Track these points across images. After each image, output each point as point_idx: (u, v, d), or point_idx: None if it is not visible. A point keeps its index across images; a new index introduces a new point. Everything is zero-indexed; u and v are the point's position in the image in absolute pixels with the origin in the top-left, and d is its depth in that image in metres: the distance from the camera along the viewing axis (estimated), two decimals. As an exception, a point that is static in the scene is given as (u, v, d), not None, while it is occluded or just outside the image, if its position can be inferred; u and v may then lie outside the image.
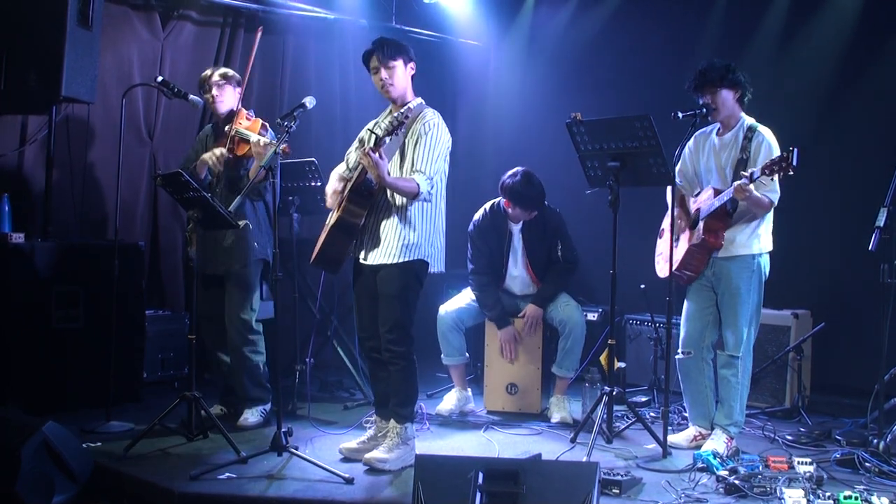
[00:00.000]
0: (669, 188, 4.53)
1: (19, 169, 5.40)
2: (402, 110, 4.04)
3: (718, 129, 4.47)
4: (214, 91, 4.88)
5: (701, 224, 4.35)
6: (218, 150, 4.76)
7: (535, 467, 3.34)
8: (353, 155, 4.36)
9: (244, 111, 4.85)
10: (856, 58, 5.85)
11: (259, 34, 4.97)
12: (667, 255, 4.56)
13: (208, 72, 4.97)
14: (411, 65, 4.16)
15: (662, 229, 4.75)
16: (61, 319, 4.94)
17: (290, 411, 5.06)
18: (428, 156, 4.03)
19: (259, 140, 4.57)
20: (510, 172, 5.20)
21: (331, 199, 4.28)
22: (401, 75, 4.11)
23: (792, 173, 3.88)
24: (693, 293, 4.53)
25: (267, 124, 4.82)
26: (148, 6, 5.92)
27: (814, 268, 5.88)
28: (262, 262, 4.92)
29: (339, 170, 4.36)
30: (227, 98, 4.91)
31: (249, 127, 4.72)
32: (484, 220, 5.37)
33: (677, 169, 4.35)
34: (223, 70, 4.97)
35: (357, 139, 4.40)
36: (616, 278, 4.36)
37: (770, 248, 4.42)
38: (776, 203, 4.25)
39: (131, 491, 3.89)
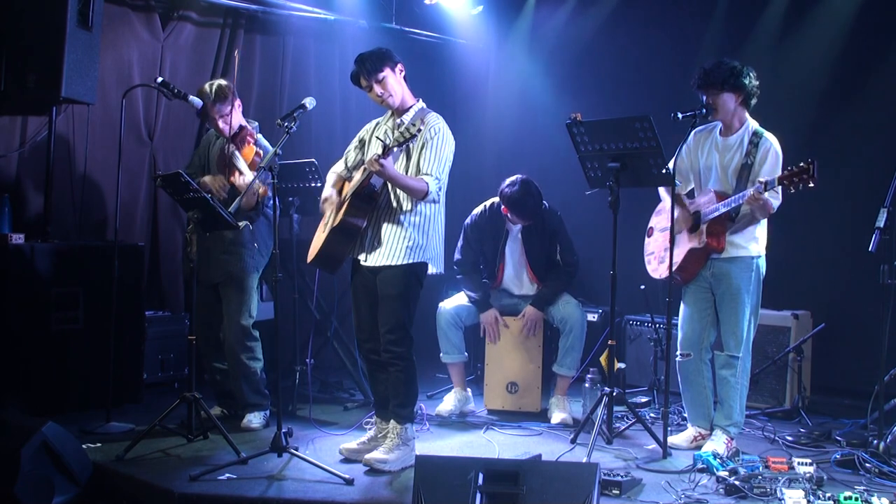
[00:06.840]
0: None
1: (19, 170, 5.40)
2: (411, 119, 4.06)
3: (720, 128, 4.45)
4: (220, 123, 4.74)
5: (703, 227, 4.35)
6: (219, 181, 4.74)
7: (535, 468, 3.34)
8: (352, 153, 4.37)
9: (250, 132, 4.75)
10: (855, 58, 5.84)
11: (237, 57, 4.86)
12: (658, 254, 4.56)
13: (207, 93, 4.70)
14: (398, 67, 4.14)
15: (651, 227, 4.74)
16: (61, 320, 4.94)
17: (291, 412, 5.06)
18: (435, 159, 4.05)
19: (242, 179, 4.58)
20: (509, 181, 5.19)
21: (324, 205, 4.29)
22: (393, 83, 4.12)
23: (813, 185, 3.87)
24: (690, 295, 4.52)
25: (261, 153, 4.70)
26: (148, 7, 5.92)
27: (814, 268, 5.88)
28: (259, 267, 4.90)
29: (338, 168, 4.37)
30: (233, 120, 4.76)
31: (245, 153, 4.67)
32: (482, 217, 5.38)
33: (670, 164, 4.32)
34: (219, 94, 4.69)
35: (357, 138, 4.39)
36: (616, 279, 4.36)
37: (765, 250, 4.41)
38: (776, 210, 4.24)
39: (131, 492, 3.89)
